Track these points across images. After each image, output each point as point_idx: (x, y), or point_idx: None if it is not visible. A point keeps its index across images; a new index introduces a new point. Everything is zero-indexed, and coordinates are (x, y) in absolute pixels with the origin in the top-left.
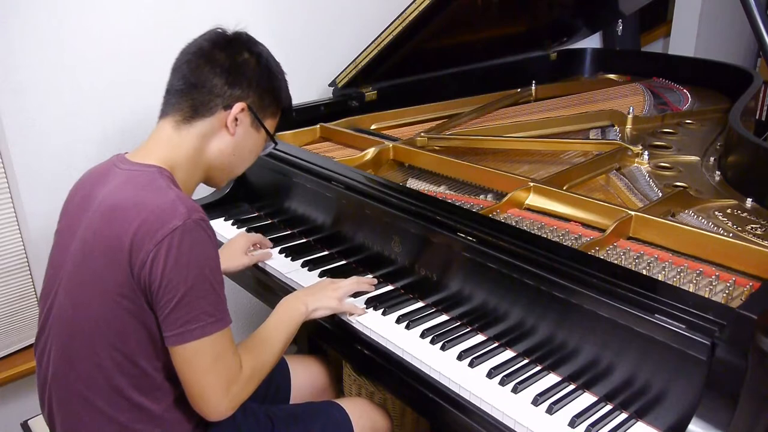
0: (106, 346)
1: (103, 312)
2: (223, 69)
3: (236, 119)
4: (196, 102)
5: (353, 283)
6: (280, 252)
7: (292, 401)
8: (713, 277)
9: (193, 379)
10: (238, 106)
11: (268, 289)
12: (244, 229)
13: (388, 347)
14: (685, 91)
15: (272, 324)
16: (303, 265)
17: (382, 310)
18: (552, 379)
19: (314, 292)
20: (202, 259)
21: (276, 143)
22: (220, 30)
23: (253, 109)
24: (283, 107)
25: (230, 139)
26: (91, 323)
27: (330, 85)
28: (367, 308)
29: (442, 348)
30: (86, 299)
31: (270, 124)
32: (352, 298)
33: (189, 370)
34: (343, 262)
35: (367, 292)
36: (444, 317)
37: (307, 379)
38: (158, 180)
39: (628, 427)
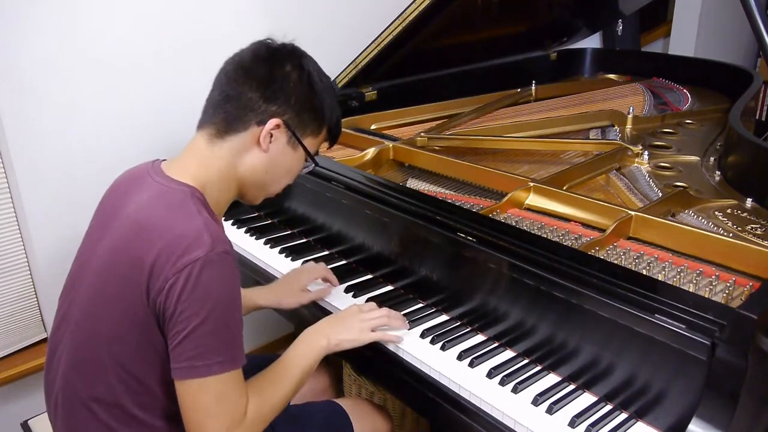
0: (114, 364)
1: (116, 330)
2: (260, 82)
3: (271, 135)
4: (230, 116)
5: (384, 316)
6: (280, 252)
7: (291, 402)
8: (713, 277)
9: (193, 416)
10: (272, 122)
11: None
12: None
13: (388, 347)
14: (685, 91)
15: (287, 361)
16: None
17: None
18: (552, 379)
19: (337, 323)
20: (220, 294)
21: (317, 164)
22: (267, 41)
23: (291, 126)
24: (329, 126)
25: (263, 156)
26: (103, 339)
27: None
28: None
29: (442, 348)
30: (102, 314)
31: (310, 142)
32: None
33: (189, 406)
34: (343, 262)
35: (368, 293)
36: (444, 317)
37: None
38: (189, 202)
39: (628, 427)
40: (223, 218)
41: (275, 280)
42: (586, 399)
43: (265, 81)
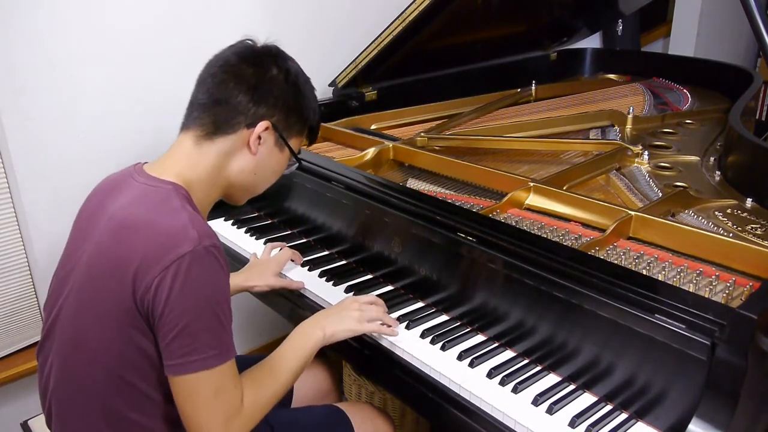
0: (104, 369)
1: (104, 336)
2: (249, 85)
3: (259, 138)
4: (219, 118)
5: (378, 309)
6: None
7: (293, 404)
8: (713, 277)
9: (191, 411)
10: (262, 125)
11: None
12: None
13: (385, 345)
14: (685, 91)
15: (283, 352)
16: (303, 265)
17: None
18: (552, 379)
19: (333, 313)
20: (209, 288)
21: (300, 163)
22: (249, 42)
23: (278, 128)
24: (311, 125)
25: (252, 158)
26: (91, 346)
27: (330, 85)
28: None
29: (443, 348)
30: (88, 320)
31: (295, 142)
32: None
33: (186, 402)
34: (343, 262)
35: (368, 293)
36: (444, 317)
37: (308, 381)
38: (173, 199)
39: (629, 428)
40: (221, 218)
41: (245, 266)
42: (587, 399)
43: (253, 84)
